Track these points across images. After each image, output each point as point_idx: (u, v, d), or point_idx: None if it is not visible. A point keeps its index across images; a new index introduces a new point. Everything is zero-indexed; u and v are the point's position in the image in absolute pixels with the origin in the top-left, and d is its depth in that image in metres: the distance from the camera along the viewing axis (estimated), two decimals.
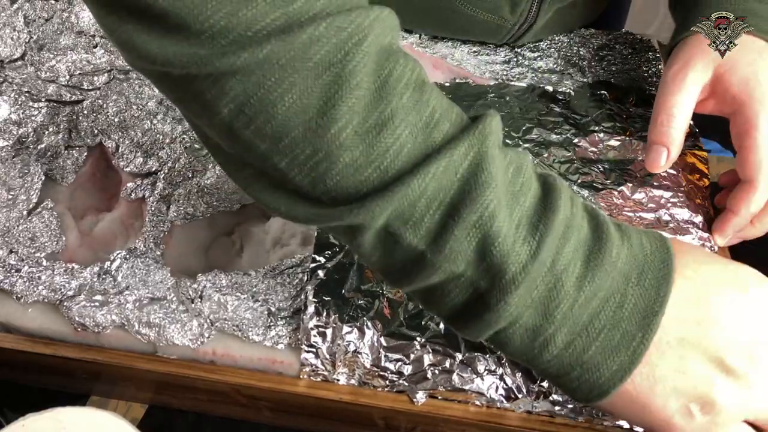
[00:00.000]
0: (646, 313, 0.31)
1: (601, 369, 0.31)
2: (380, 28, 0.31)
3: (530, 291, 0.31)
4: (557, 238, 0.31)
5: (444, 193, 0.30)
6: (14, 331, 0.45)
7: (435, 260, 0.31)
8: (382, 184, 0.30)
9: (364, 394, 0.41)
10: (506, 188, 0.31)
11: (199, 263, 0.49)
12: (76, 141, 0.54)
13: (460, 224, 0.30)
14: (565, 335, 0.31)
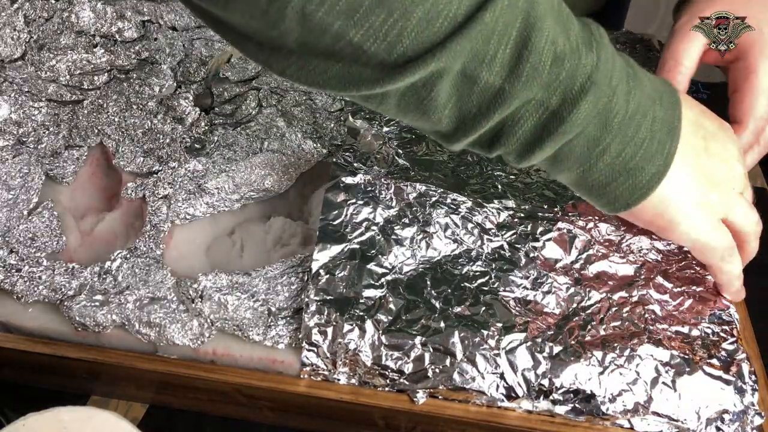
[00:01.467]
0: (670, 127, 0.38)
1: (644, 173, 0.38)
2: None
3: (595, 101, 0.35)
4: (610, 54, 0.36)
5: (511, 26, 0.33)
6: (15, 331, 0.45)
7: (512, 91, 0.34)
8: (456, 28, 0.32)
9: (365, 394, 0.41)
10: (558, 15, 0.35)
11: (200, 263, 0.49)
12: (77, 141, 0.54)
13: (533, 52, 0.33)
14: (618, 144, 0.37)
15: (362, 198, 0.47)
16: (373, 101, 0.36)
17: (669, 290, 0.45)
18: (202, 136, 0.55)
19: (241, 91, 0.59)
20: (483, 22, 0.32)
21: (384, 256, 0.45)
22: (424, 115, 0.36)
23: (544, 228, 0.47)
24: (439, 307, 0.43)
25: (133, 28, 0.62)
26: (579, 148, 0.37)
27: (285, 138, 0.55)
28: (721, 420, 0.40)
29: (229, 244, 0.50)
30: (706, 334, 0.43)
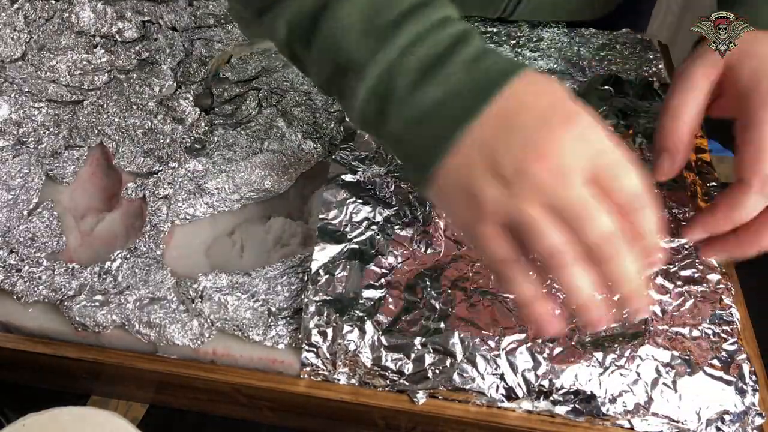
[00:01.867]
0: (458, 122, 0.37)
1: (417, 159, 0.38)
2: None
3: (373, 83, 0.38)
4: (400, 47, 0.38)
5: (317, 5, 0.40)
6: (15, 331, 0.45)
7: (314, 56, 0.41)
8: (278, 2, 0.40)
9: (365, 394, 0.41)
10: (367, 4, 0.39)
11: (200, 263, 0.49)
12: (77, 141, 0.54)
13: (319, 32, 0.40)
14: (397, 126, 0.38)
15: (362, 197, 0.47)
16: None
17: (670, 291, 0.45)
18: (202, 137, 0.55)
19: (241, 91, 0.59)
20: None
21: (384, 257, 0.45)
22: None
23: None
24: (439, 307, 0.43)
25: (133, 28, 0.62)
26: (366, 107, 0.39)
27: (285, 138, 0.55)
28: (721, 420, 0.40)
29: (229, 245, 0.50)
30: (706, 334, 0.43)
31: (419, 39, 0.39)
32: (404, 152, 0.40)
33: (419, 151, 0.38)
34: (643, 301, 0.36)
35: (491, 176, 0.36)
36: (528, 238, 0.36)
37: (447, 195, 0.38)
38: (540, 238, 0.35)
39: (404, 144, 0.39)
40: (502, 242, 0.37)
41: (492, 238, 0.37)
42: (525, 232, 0.36)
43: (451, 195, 0.38)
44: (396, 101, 0.38)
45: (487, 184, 0.36)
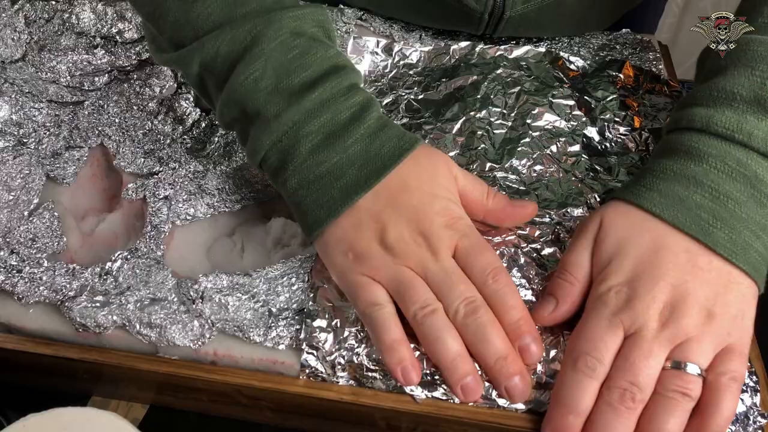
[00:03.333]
0: (351, 191, 0.42)
1: (311, 215, 0.43)
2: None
3: (277, 138, 0.43)
4: (306, 110, 0.42)
5: (233, 53, 0.43)
6: (15, 332, 0.45)
7: (224, 99, 0.44)
8: (193, 40, 0.44)
9: (365, 395, 0.41)
10: (280, 63, 0.43)
11: (200, 264, 0.49)
12: (77, 141, 0.54)
13: (233, 79, 0.43)
14: (296, 182, 0.43)
15: None
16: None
17: None
18: (203, 137, 0.55)
19: None
20: (208, 43, 0.44)
21: None
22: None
23: (542, 231, 0.47)
24: None
25: (133, 29, 0.62)
26: (270, 169, 0.44)
27: None
28: None
29: (229, 245, 0.50)
30: None
31: (324, 105, 0.43)
32: (298, 207, 0.44)
33: (312, 208, 0.43)
34: (510, 377, 0.39)
35: (377, 242, 0.41)
36: (402, 294, 0.41)
37: (330, 246, 0.43)
38: (412, 292, 0.40)
39: (299, 200, 0.43)
40: (375, 289, 0.41)
41: (366, 285, 0.41)
42: (400, 289, 0.41)
43: (335, 247, 0.42)
44: (296, 160, 0.43)
45: (373, 247, 0.41)
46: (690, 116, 0.43)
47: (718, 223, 0.40)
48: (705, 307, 0.38)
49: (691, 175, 0.41)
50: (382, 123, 0.44)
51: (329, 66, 0.44)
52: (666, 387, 0.38)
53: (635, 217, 0.42)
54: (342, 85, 0.44)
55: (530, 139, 0.53)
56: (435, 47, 0.59)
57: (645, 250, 0.40)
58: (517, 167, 0.51)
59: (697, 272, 0.39)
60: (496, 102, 0.55)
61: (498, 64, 0.57)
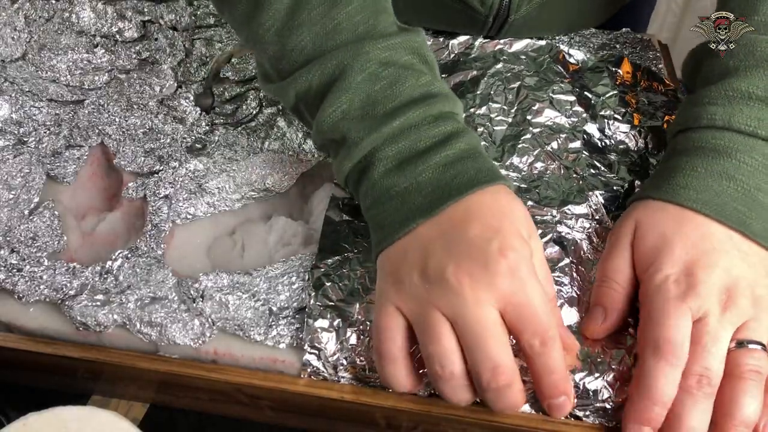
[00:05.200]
0: (410, 217, 0.40)
1: (376, 235, 0.42)
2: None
3: (357, 161, 0.43)
4: (386, 136, 0.42)
5: (323, 86, 0.44)
6: (16, 331, 0.45)
7: (315, 128, 0.45)
8: (290, 73, 0.45)
9: (366, 394, 0.41)
10: (368, 95, 0.43)
11: (201, 263, 0.49)
12: (78, 140, 0.54)
13: (321, 111, 0.44)
14: (369, 202, 0.43)
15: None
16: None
17: None
18: (203, 136, 0.55)
19: (242, 90, 0.59)
20: (301, 77, 0.45)
21: None
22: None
23: (543, 231, 0.47)
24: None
25: (133, 28, 0.62)
26: (350, 181, 0.45)
27: (286, 138, 0.55)
28: None
29: (230, 244, 0.50)
30: None
31: (405, 131, 0.42)
32: (370, 222, 0.43)
33: (377, 229, 0.42)
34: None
35: (418, 272, 0.38)
36: (423, 337, 0.38)
37: (383, 267, 0.41)
38: (433, 340, 0.37)
39: (370, 219, 0.43)
40: (396, 325, 0.39)
41: (388, 315, 0.39)
42: (423, 331, 0.38)
43: (382, 269, 0.41)
44: (368, 181, 0.42)
45: (411, 277, 0.38)
46: (710, 115, 0.45)
47: (753, 214, 0.42)
48: (754, 289, 0.40)
49: (723, 170, 0.43)
50: (466, 155, 0.42)
51: (418, 94, 0.43)
52: (739, 368, 0.39)
53: (673, 212, 0.43)
54: (428, 113, 0.42)
55: (531, 135, 0.52)
56: (434, 43, 0.59)
57: (692, 239, 0.41)
58: (518, 165, 0.51)
59: (743, 257, 0.41)
60: (496, 98, 0.54)
61: (498, 59, 0.57)
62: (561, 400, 0.39)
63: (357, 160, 0.43)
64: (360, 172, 0.43)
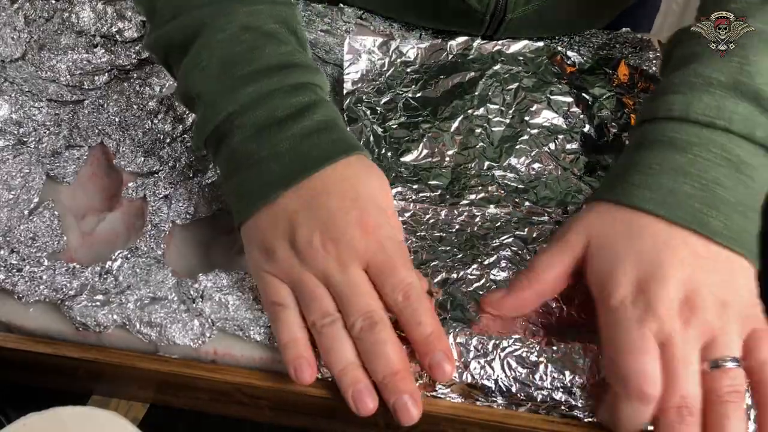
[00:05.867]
0: (270, 188, 0.42)
1: (236, 205, 0.44)
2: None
3: (214, 126, 0.44)
4: (242, 103, 0.43)
5: (185, 41, 0.45)
6: (15, 331, 0.45)
7: (178, 84, 0.47)
8: (159, 27, 0.46)
9: None
10: (226, 55, 0.44)
11: (201, 263, 0.49)
12: (77, 141, 0.54)
13: (182, 66, 0.45)
14: (226, 171, 0.44)
15: None
16: None
17: None
18: None
19: None
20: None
21: None
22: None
23: (540, 232, 0.47)
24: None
25: (133, 28, 0.62)
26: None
27: None
28: None
29: (229, 244, 0.50)
30: None
31: (261, 99, 0.43)
32: (228, 191, 0.45)
33: (237, 199, 0.43)
34: (398, 394, 0.38)
35: (287, 242, 0.41)
36: (304, 301, 0.41)
37: (247, 239, 0.43)
38: (313, 301, 0.40)
39: (228, 189, 0.44)
40: (280, 289, 0.41)
41: (271, 283, 0.42)
42: (303, 295, 0.41)
43: (251, 241, 0.43)
44: (228, 148, 0.43)
45: (282, 247, 0.41)
46: (668, 105, 0.43)
47: (711, 211, 0.39)
48: (717, 296, 0.38)
49: (678, 166, 0.41)
50: (323, 126, 0.43)
51: (276, 62, 0.44)
52: (718, 392, 0.37)
53: (627, 217, 0.41)
54: (285, 83, 0.43)
55: (528, 136, 0.53)
56: (432, 44, 0.59)
57: (645, 251, 0.39)
58: (516, 165, 0.51)
59: (700, 263, 0.39)
60: (494, 99, 0.55)
61: (496, 60, 0.57)
62: (438, 357, 0.39)
63: (214, 126, 0.43)
64: (218, 140, 0.44)
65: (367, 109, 0.54)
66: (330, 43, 0.63)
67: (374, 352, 0.39)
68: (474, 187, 0.50)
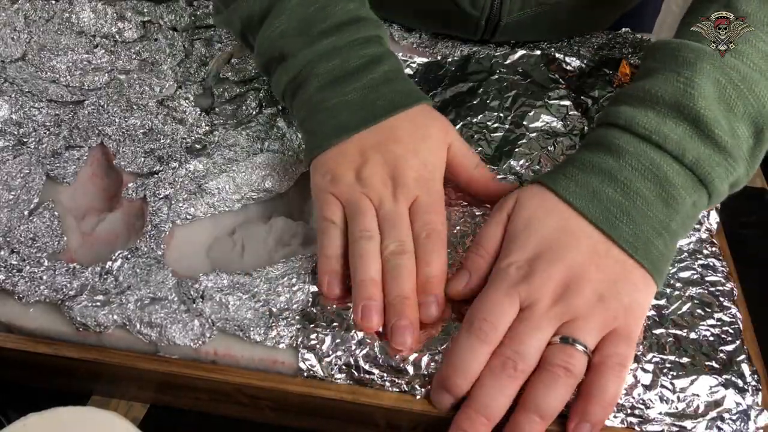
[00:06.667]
0: (341, 131, 0.47)
1: (309, 143, 0.49)
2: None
3: (294, 74, 0.49)
4: (319, 53, 0.49)
5: (263, 11, 0.50)
6: (16, 331, 0.45)
7: (258, 49, 0.52)
8: (234, 1, 0.51)
9: (365, 394, 0.41)
10: (302, 16, 0.49)
11: (201, 263, 0.49)
12: (77, 141, 0.54)
13: (261, 32, 0.50)
14: (303, 114, 0.49)
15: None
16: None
17: (667, 294, 0.45)
18: (203, 137, 0.55)
19: (242, 91, 0.59)
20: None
21: None
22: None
23: None
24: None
25: (133, 28, 0.62)
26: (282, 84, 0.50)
27: (285, 138, 0.55)
28: (721, 419, 0.40)
29: (229, 245, 0.50)
30: (705, 336, 0.43)
31: (336, 51, 0.48)
32: (303, 131, 0.50)
33: (310, 138, 0.49)
34: (401, 316, 0.41)
35: (354, 172, 0.46)
36: (352, 215, 0.45)
37: (316, 169, 0.48)
38: (361, 215, 0.45)
39: (303, 129, 0.50)
40: (335, 208, 0.46)
41: (329, 203, 0.46)
42: (353, 211, 0.45)
43: (319, 169, 0.47)
44: (304, 96, 0.48)
45: (348, 174, 0.46)
46: (617, 113, 0.45)
47: (624, 217, 0.42)
48: (597, 290, 0.40)
49: (608, 169, 0.43)
50: (389, 77, 0.48)
51: (348, 18, 0.49)
52: (549, 360, 0.39)
53: (548, 200, 0.44)
54: (357, 35, 0.49)
55: (527, 140, 0.53)
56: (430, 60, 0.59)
57: (550, 230, 0.42)
58: (516, 168, 0.51)
59: (594, 258, 0.41)
60: (492, 106, 0.55)
61: (494, 71, 0.58)
62: (429, 299, 0.43)
63: (293, 75, 0.49)
64: (296, 87, 0.49)
65: None
66: None
67: (395, 274, 0.43)
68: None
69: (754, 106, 0.44)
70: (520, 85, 0.56)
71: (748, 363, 0.42)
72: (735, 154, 0.43)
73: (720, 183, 0.43)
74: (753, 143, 0.44)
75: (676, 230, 0.43)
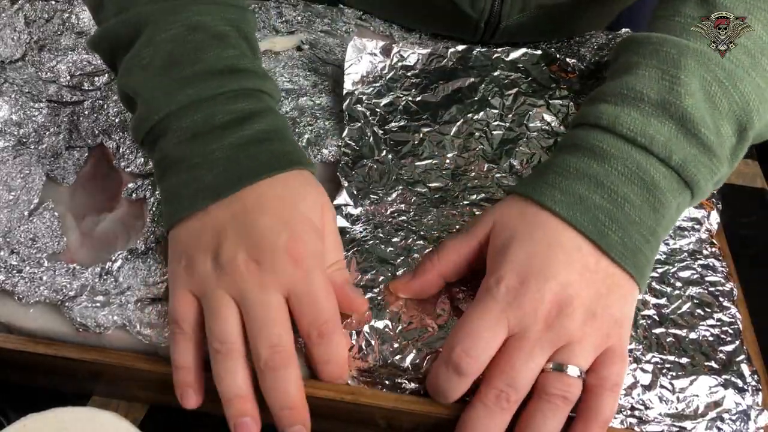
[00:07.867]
0: (200, 196, 0.40)
1: (166, 209, 0.42)
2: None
3: (150, 126, 0.42)
4: (181, 105, 0.42)
5: (129, 38, 0.44)
6: (16, 332, 0.45)
7: (119, 79, 0.45)
8: (104, 22, 0.46)
9: (365, 394, 0.41)
10: (170, 54, 0.42)
11: None
12: (77, 141, 0.54)
13: (125, 61, 0.44)
14: (159, 173, 0.43)
15: (363, 228, 0.47)
16: None
17: (668, 294, 0.45)
18: None
19: None
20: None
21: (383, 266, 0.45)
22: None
23: None
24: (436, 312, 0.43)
25: None
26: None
27: None
28: (721, 420, 0.40)
29: None
30: (704, 336, 0.43)
31: (201, 104, 0.41)
32: (161, 191, 0.43)
33: (169, 201, 0.42)
34: (292, 427, 0.38)
35: (210, 256, 0.39)
36: (208, 319, 0.39)
37: (171, 246, 0.42)
38: (217, 321, 0.38)
39: (162, 186, 0.43)
40: (187, 309, 0.40)
41: (180, 301, 0.40)
42: (208, 313, 0.39)
43: (174, 249, 0.41)
44: (163, 151, 0.42)
45: (202, 260, 0.39)
46: (598, 113, 0.43)
47: (613, 225, 0.40)
48: (589, 309, 0.38)
49: (593, 174, 0.41)
50: (264, 136, 0.42)
51: (220, 66, 0.42)
52: (546, 390, 0.38)
53: (532, 212, 0.41)
54: (228, 87, 0.42)
55: (528, 139, 0.53)
56: (433, 50, 0.59)
57: (538, 244, 0.39)
58: (516, 167, 0.51)
59: (585, 274, 0.39)
60: (493, 103, 0.55)
61: (495, 67, 0.58)
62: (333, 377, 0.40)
63: (150, 126, 0.42)
64: (154, 140, 0.43)
65: (367, 110, 0.54)
66: (330, 43, 0.63)
67: (274, 388, 0.38)
68: (474, 188, 0.50)
69: (738, 104, 0.42)
70: (522, 83, 0.56)
71: (748, 363, 0.42)
72: (719, 154, 0.42)
73: (705, 183, 0.42)
74: (735, 141, 0.43)
75: (661, 234, 0.42)
